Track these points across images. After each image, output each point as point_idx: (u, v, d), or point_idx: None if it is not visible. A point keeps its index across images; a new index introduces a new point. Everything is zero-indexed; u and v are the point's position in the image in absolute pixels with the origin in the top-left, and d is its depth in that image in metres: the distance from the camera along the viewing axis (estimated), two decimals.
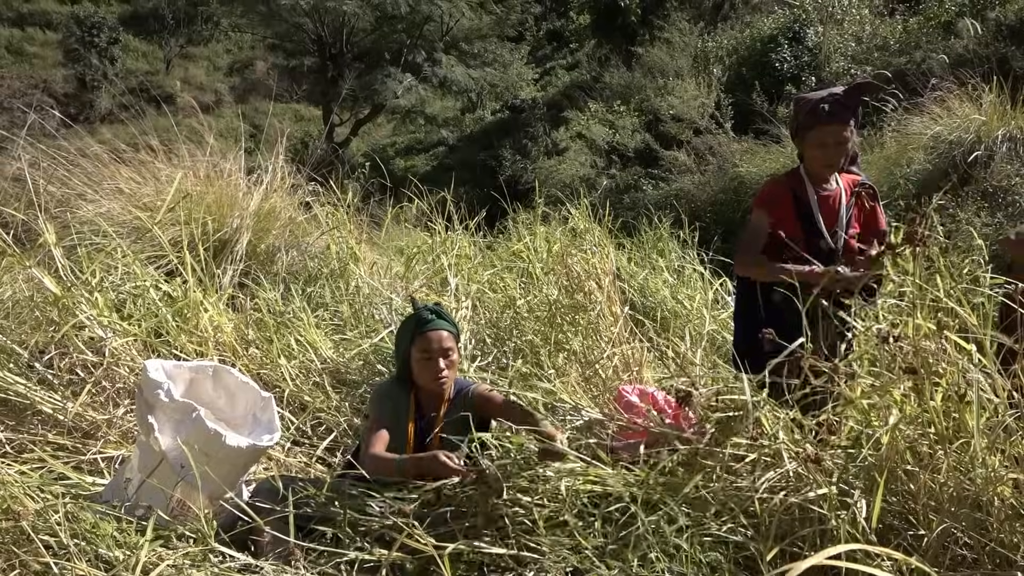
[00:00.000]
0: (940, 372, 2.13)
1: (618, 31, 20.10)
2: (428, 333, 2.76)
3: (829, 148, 3.00)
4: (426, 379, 2.77)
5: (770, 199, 3.12)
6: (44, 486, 2.46)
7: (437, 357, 2.75)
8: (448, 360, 2.77)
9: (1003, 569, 1.89)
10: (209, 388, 2.85)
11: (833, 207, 3.09)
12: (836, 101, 2.96)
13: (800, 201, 3.08)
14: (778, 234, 3.00)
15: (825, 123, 2.97)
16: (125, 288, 4.08)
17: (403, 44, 21.94)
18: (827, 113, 2.96)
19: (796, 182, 3.12)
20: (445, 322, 2.82)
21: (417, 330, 2.78)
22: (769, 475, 2.12)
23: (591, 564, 2.11)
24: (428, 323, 2.78)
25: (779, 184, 3.17)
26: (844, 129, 2.97)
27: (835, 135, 2.97)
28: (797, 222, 3.05)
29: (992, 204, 7.88)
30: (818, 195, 3.08)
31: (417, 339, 2.77)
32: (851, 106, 2.98)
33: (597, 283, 4.61)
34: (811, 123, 3.01)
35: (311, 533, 2.44)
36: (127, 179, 5.22)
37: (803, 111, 3.04)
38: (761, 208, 3.10)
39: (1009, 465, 2.00)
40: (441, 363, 2.75)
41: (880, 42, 13.48)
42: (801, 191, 3.09)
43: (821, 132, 2.99)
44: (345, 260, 5.28)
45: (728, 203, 11.16)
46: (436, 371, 2.75)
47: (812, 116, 3.00)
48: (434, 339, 2.76)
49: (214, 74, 27.11)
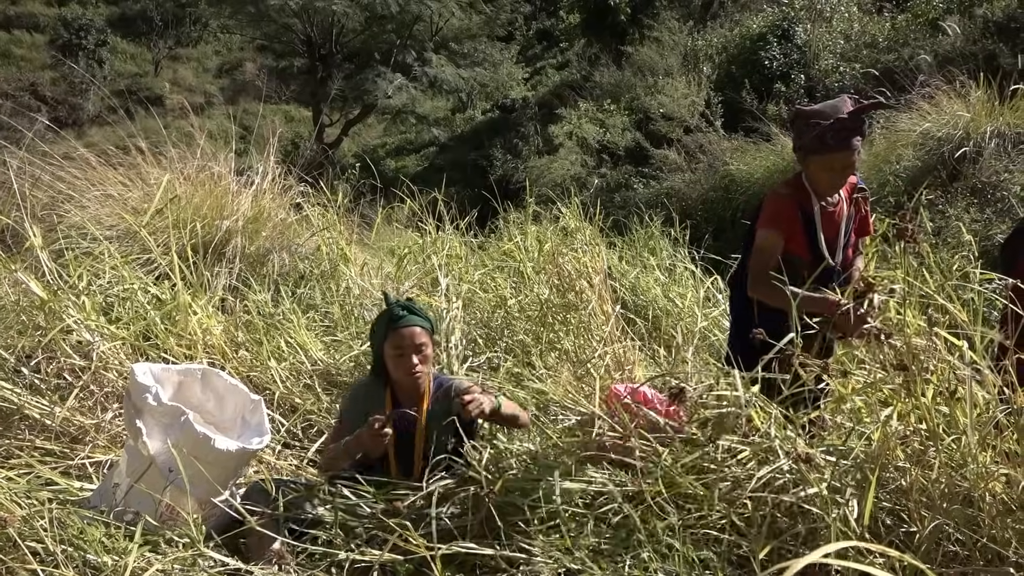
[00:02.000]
0: (931, 369, 2.13)
1: (608, 30, 20.12)
2: (400, 330, 2.78)
3: (836, 173, 2.94)
4: (400, 375, 2.80)
5: (780, 218, 3.01)
6: (31, 492, 2.43)
7: (410, 353, 2.76)
8: (421, 355, 2.78)
9: (994, 565, 1.89)
10: (198, 391, 2.83)
11: (836, 221, 3.03)
12: (843, 126, 2.87)
13: (807, 217, 3.00)
14: (788, 255, 2.93)
15: (832, 151, 2.90)
16: (113, 291, 4.05)
17: (393, 44, 21.90)
18: (835, 141, 2.88)
19: (802, 195, 3.02)
20: (417, 317, 2.82)
21: (390, 327, 2.80)
22: (761, 473, 2.11)
23: (583, 565, 2.10)
24: (400, 319, 2.79)
25: (786, 200, 3.05)
26: (851, 154, 2.90)
27: (843, 161, 2.91)
28: (805, 240, 2.98)
29: (981, 200, 7.91)
30: (822, 210, 3.01)
31: (390, 335, 2.79)
32: (857, 128, 2.90)
33: (588, 282, 4.61)
34: (817, 148, 2.93)
35: (302, 536, 2.42)
36: (115, 182, 5.18)
37: (808, 134, 2.95)
38: (772, 228, 2.99)
39: (1000, 461, 2.00)
40: (414, 359, 2.77)
41: (868, 39, 13.53)
42: (807, 206, 3.01)
43: (829, 159, 2.92)
44: (336, 261, 5.26)
45: (719, 201, 11.18)
46: (409, 367, 2.77)
47: (819, 142, 2.92)
48: (406, 335, 2.77)
49: (203, 76, 27.00)
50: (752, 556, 1.97)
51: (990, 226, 7.33)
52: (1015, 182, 7.81)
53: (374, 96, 21.35)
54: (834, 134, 2.88)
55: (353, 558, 2.28)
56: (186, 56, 27.43)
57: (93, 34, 23.97)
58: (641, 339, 4.71)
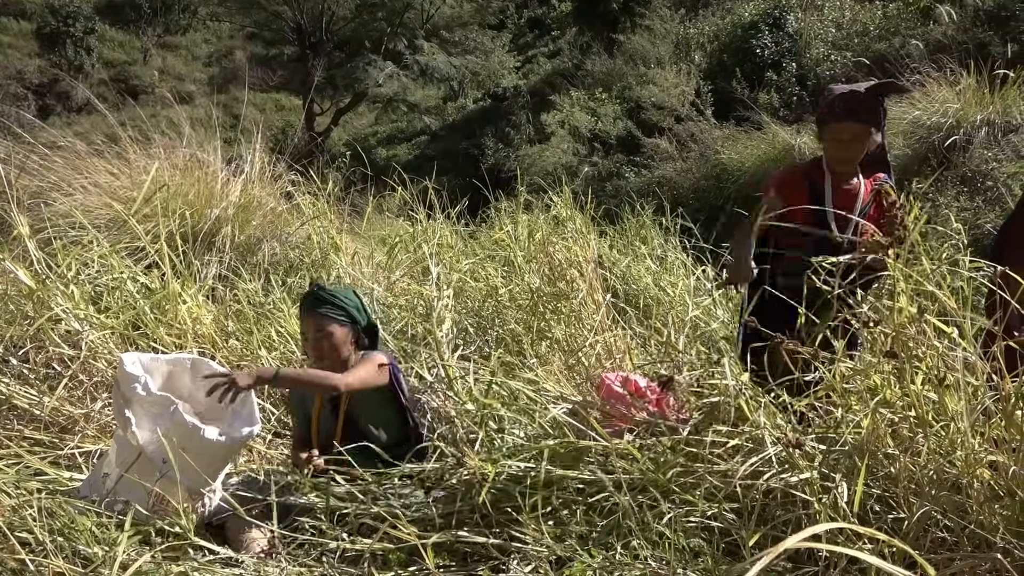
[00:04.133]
0: (920, 356, 2.14)
1: (599, 18, 20.06)
2: (305, 318, 2.89)
3: (843, 144, 2.98)
4: (311, 360, 2.93)
5: (784, 183, 3.09)
6: (20, 482, 2.41)
7: (312, 340, 2.85)
8: (329, 343, 2.83)
9: (982, 551, 1.90)
10: (187, 381, 2.82)
11: (850, 203, 3.03)
12: (854, 98, 2.93)
13: (815, 189, 3.04)
14: (786, 222, 2.94)
15: (838, 119, 2.96)
16: (102, 281, 4.02)
17: (383, 32, 21.81)
18: (843, 110, 2.94)
19: (816, 171, 3.09)
20: (321, 304, 2.86)
21: (300, 312, 2.95)
22: (753, 460, 2.12)
23: (574, 552, 2.10)
24: (301, 308, 2.93)
25: (796, 171, 3.15)
26: (860, 128, 2.94)
27: (849, 132, 2.95)
28: (808, 211, 3.00)
29: (971, 188, 7.94)
30: (835, 187, 3.04)
31: (300, 322, 2.97)
32: (871, 105, 2.94)
33: (579, 271, 4.60)
34: (827, 118, 3.00)
35: (294, 525, 2.42)
36: (103, 171, 5.14)
37: (824, 104, 3.03)
38: (770, 191, 3.08)
39: (988, 448, 2.01)
40: (324, 345, 2.83)
41: (860, 28, 13.54)
42: (819, 180, 3.05)
43: (836, 128, 2.98)
44: (326, 250, 5.24)
45: (710, 190, 11.18)
46: (313, 353, 2.87)
47: (828, 110, 2.99)
48: (308, 324, 2.87)
49: (192, 64, 26.82)
50: (742, 543, 1.98)
51: (979, 214, 7.36)
52: (1004, 170, 7.84)
53: (365, 84, 21.29)
54: (843, 103, 2.93)
55: (344, 547, 2.28)
56: (175, 44, 27.25)
57: (81, 22, 23.79)
58: (632, 328, 4.71)
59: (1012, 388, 1.98)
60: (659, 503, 2.12)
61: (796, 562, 2.03)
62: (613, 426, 2.62)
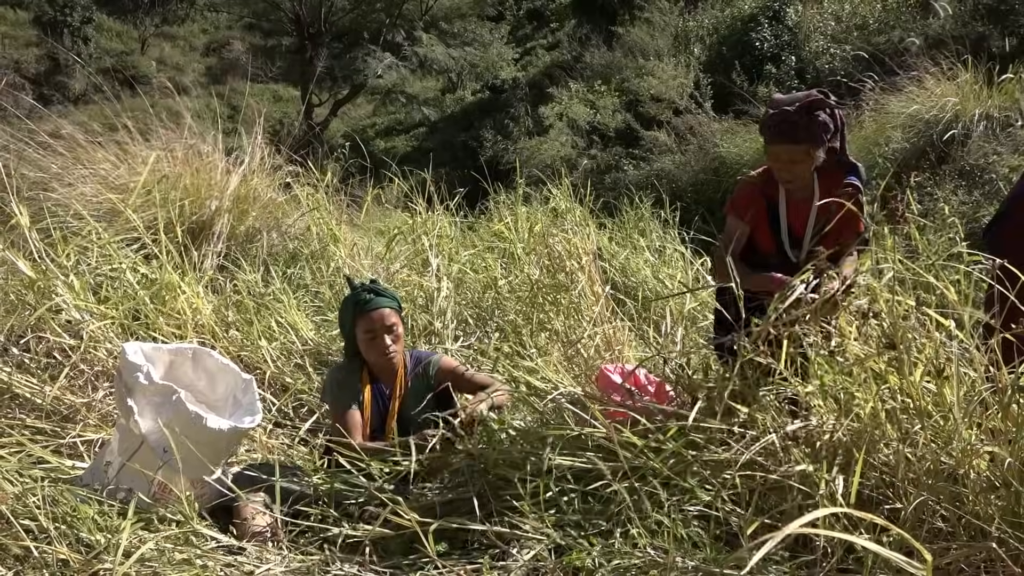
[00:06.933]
0: (919, 347, 2.15)
1: (599, 10, 19.99)
2: (370, 313, 2.82)
3: (782, 164, 2.85)
4: (374, 357, 2.85)
5: (742, 204, 2.99)
6: (23, 470, 2.43)
7: (382, 335, 2.81)
8: (393, 335, 2.83)
9: (978, 540, 1.92)
10: (189, 370, 2.83)
11: (804, 216, 2.95)
12: (785, 118, 2.77)
13: (772, 206, 2.96)
14: (755, 245, 2.93)
15: (773, 141, 2.84)
16: (102, 271, 4.03)
17: (382, 23, 21.75)
18: (775, 132, 2.81)
19: (771, 186, 2.97)
20: (384, 299, 2.86)
21: (358, 311, 2.84)
22: (753, 448, 2.13)
23: (574, 540, 2.12)
24: (368, 303, 2.84)
25: (753, 188, 3.00)
26: (796, 148, 2.79)
27: (787, 153, 2.81)
28: (769, 230, 2.96)
29: (969, 182, 7.95)
30: (790, 201, 2.95)
31: (360, 320, 2.84)
32: (805, 124, 2.76)
33: (578, 263, 4.62)
34: (763, 136, 2.88)
35: (295, 513, 2.44)
36: (102, 161, 5.14)
37: (761, 121, 2.90)
38: (733, 214, 2.99)
39: (985, 438, 2.03)
40: (387, 340, 2.81)
41: (859, 21, 13.50)
42: (774, 196, 2.96)
43: (772, 149, 2.86)
44: (325, 241, 5.25)
45: (709, 183, 11.19)
46: (383, 348, 2.81)
47: (764, 129, 2.86)
48: (376, 318, 2.82)
49: (190, 54, 26.71)
50: (740, 532, 2.00)
51: (978, 208, 7.37)
52: (1003, 164, 7.85)
53: (363, 75, 21.24)
54: (775, 124, 2.80)
55: (346, 533, 2.29)
56: (173, 34, 27.12)
57: (78, 11, 23.65)
58: (631, 320, 4.73)
59: (1009, 380, 2.00)
60: (658, 492, 2.14)
61: (793, 551, 2.05)
62: (610, 417, 2.64)
